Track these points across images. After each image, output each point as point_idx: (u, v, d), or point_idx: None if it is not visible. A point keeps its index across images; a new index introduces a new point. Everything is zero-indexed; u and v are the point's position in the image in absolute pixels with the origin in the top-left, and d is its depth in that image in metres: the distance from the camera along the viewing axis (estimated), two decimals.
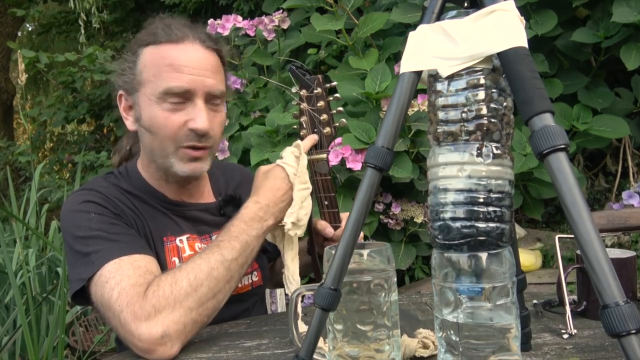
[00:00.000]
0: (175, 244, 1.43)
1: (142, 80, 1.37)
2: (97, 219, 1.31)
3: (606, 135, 2.94)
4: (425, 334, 1.09)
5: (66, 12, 8.17)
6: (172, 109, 1.33)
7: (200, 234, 1.49)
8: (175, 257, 1.41)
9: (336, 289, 0.79)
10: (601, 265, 0.63)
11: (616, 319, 0.61)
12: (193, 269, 1.19)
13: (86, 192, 1.38)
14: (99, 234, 1.28)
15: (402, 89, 0.79)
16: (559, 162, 0.67)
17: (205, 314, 1.18)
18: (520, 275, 0.94)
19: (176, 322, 1.13)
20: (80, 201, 1.35)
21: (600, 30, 2.97)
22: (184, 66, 1.33)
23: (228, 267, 1.22)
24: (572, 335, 1.13)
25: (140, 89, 1.37)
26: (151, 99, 1.35)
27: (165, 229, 1.43)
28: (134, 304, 1.13)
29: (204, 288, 1.17)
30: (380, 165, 0.78)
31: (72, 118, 7.01)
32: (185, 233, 1.46)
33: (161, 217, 1.45)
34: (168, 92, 1.32)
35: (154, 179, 1.47)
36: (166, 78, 1.32)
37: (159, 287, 1.15)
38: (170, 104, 1.33)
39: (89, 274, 1.24)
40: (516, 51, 0.72)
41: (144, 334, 1.11)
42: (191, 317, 1.15)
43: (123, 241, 1.28)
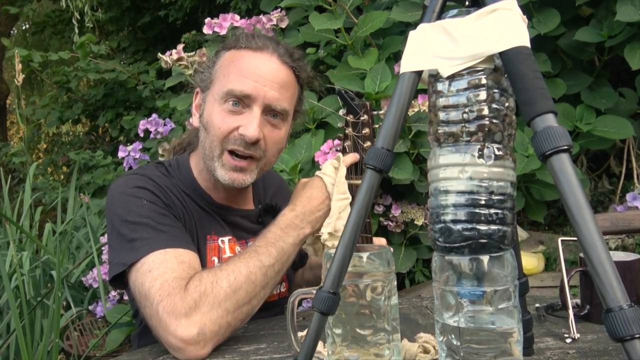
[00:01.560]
0: (217, 243, 1.45)
1: (214, 79, 1.42)
2: (148, 206, 1.33)
3: (610, 136, 2.94)
4: (426, 339, 1.09)
5: (60, 11, 8.16)
6: (230, 110, 1.36)
7: (239, 239, 1.51)
8: (215, 257, 1.44)
9: (335, 292, 0.79)
10: (605, 268, 0.63)
11: (620, 323, 0.61)
12: (233, 271, 1.20)
13: (139, 178, 1.40)
14: (148, 222, 1.29)
15: (402, 89, 0.79)
16: (562, 163, 0.67)
17: (239, 317, 1.20)
18: (523, 278, 0.94)
19: (213, 322, 1.15)
20: (133, 185, 1.37)
21: (604, 30, 2.97)
22: (252, 72, 1.35)
23: (265, 273, 1.24)
24: (575, 340, 1.13)
25: (211, 87, 1.42)
26: (215, 98, 1.39)
27: (210, 227, 1.46)
28: (175, 296, 1.15)
29: (242, 292, 1.19)
30: (380, 167, 0.78)
31: (67, 118, 7.02)
32: (228, 235, 1.48)
33: (206, 216, 1.47)
34: (230, 93, 1.35)
35: (203, 179, 1.49)
36: (232, 80, 1.36)
37: (201, 282, 1.17)
38: (230, 104, 1.36)
39: (131, 259, 1.25)
40: (518, 51, 0.72)
41: (181, 330, 1.12)
42: (227, 319, 1.17)
43: (170, 233, 1.30)
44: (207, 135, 1.39)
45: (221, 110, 1.36)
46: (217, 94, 1.38)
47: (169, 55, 3.35)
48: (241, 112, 1.36)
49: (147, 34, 7.68)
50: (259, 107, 1.36)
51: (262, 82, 1.35)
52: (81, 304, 3.30)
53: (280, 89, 1.38)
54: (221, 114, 1.36)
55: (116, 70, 5.93)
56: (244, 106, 1.36)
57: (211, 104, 1.39)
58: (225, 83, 1.36)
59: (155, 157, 3.74)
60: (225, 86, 1.36)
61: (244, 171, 1.39)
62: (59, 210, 3.90)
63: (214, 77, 1.42)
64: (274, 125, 1.41)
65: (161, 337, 1.17)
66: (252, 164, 1.40)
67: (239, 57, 1.39)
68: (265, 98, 1.35)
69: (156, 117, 3.74)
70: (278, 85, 1.37)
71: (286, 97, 1.40)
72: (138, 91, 6.06)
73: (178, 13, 6.47)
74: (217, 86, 1.39)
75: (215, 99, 1.38)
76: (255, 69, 1.36)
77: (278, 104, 1.38)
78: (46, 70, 7.01)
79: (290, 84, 1.42)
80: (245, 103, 1.36)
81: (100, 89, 6.70)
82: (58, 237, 3.48)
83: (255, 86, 1.35)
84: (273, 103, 1.37)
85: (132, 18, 7.78)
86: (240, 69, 1.36)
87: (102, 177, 5.33)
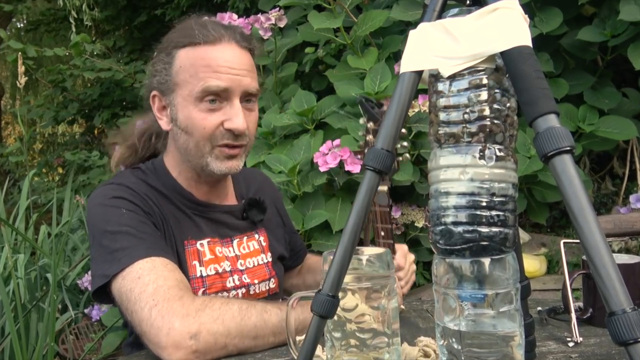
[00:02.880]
0: (195, 247, 1.44)
1: (178, 82, 1.40)
2: (128, 215, 1.34)
3: (613, 137, 2.94)
4: (426, 342, 1.09)
5: (55, 10, 8.16)
6: (209, 109, 1.37)
7: (222, 237, 1.51)
8: (196, 261, 1.43)
9: (334, 295, 0.79)
10: (608, 271, 0.63)
11: (623, 326, 0.61)
12: (247, 302, 1.21)
13: (116, 187, 1.40)
14: (128, 230, 1.30)
15: (403, 89, 0.79)
16: (564, 164, 0.67)
17: (239, 346, 1.18)
18: (524, 281, 0.94)
19: (210, 333, 1.14)
20: (111, 196, 1.37)
21: (607, 29, 2.98)
22: (221, 66, 1.37)
23: (280, 321, 1.21)
24: (578, 344, 1.13)
25: (176, 89, 1.41)
26: (187, 100, 1.38)
27: (186, 232, 1.45)
28: (174, 302, 1.16)
29: (250, 323, 1.18)
30: (379, 168, 0.78)
31: (62, 118, 7.01)
32: (206, 237, 1.47)
33: (184, 220, 1.46)
34: (206, 91, 1.36)
35: (183, 178, 1.50)
36: (204, 78, 1.36)
37: (211, 300, 1.19)
38: (207, 103, 1.37)
39: (113, 271, 1.25)
40: (520, 50, 0.72)
41: (176, 328, 1.12)
42: (225, 340, 1.15)
43: (151, 241, 1.30)
44: (190, 137, 1.40)
45: (199, 111, 1.37)
46: (190, 96, 1.38)
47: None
48: (220, 108, 1.38)
49: (143, 33, 7.68)
50: (237, 97, 1.39)
51: (234, 72, 1.38)
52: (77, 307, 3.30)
53: (249, 73, 1.42)
54: (201, 114, 1.37)
55: (112, 69, 5.93)
56: (221, 100, 1.38)
57: (184, 106, 1.39)
58: (197, 83, 1.36)
59: None
60: (197, 86, 1.36)
61: (236, 158, 1.43)
62: (54, 212, 3.90)
63: (177, 79, 1.40)
64: (250, 109, 1.44)
65: (151, 341, 1.16)
66: (241, 150, 1.44)
67: (200, 54, 1.38)
68: (241, 86, 1.39)
69: None
70: (247, 71, 1.41)
71: (254, 78, 1.44)
72: (134, 91, 6.06)
73: (175, 12, 6.47)
74: (187, 88, 1.38)
75: (188, 101, 1.38)
76: (223, 62, 1.37)
77: (252, 87, 1.42)
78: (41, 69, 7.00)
79: (253, 65, 1.46)
80: (223, 97, 1.38)
81: (96, 89, 6.70)
82: (54, 239, 3.47)
83: (229, 78, 1.37)
84: (249, 88, 1.41)
85: (128, 17, 7.78)
86: (208, 66, 1.37)
87: (98, 178, 5.33)
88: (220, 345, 1.15)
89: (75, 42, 5.32)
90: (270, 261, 1.58)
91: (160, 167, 1.51)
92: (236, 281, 1.47)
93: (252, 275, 1.51)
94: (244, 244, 1.54)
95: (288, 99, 3.38)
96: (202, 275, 1.42)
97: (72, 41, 5.39)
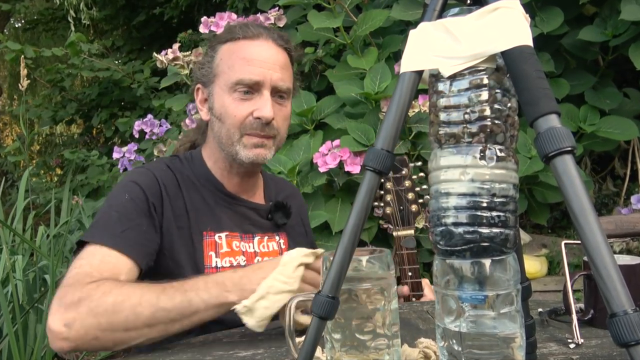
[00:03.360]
0: (214, 239, 1.51)
1: (217, 73, 1.53)
2: (126, 202, 1.42)
3: (614, 137, 2.94)
4: (427, 344, 1.09)
5: (53, 9, 8.17)
6: (241, 98, 1.49)
7: (245, 232, 1.58)
8: (212, 252, 1.50)
9: (334, 296, 0.79)
10: (609, 272, 0.63)
11: (624, 328, 0.61)
12: (128, 294, 1.21)
13: (141, 172, 1.51)
14: (113, 215, 1.39)
15: (403, 89, 0.79)
16: (565, 165, 0.66)
17: (111, 339, 1.20)
18: (525, 282, 0.94)
19: (83, 326, 1.17)
20: (130, 179, 1.48)
21: (608, 29, 2.98)
22: (255, 59, 1.49)
23: (154, 313, 1.20)
24: (579, 345, 1.13)
25: (215, 80, 1.54)
26: (223, 89, 1.51)
27: (207, 223, 1.52)
28: (71, 287, 1.22)
29: (121, 317, 1.19)
30: (379, 169, 0.78)
31: (61, 118, 7.01)
32: (225, 230, 1.54)
33: (207, 211, 1.54)
34: (239, 83, 1.48)
35: (217, 168, 1.60)
36: (239, 70, 1.48)
37: (97, 287, 1.21)
38: (240, 93, 1.48)
39: (83, 238, 1.36)
40: (521, 50, 0.72)
41: (56, 318, 1.18)
42: (95, 333, 1.18)
43: (121, 232, 1.36)
44: (223, 124, 1.51)
45: (233, 100, 1.49)
46: (225, 85, 1.50)
47: (164, 55, 3.35)
48: (251, 98, 1.49)
49: (142, 32, 7.68)
50: (267, 89, 1.49)
51: (266, 66, 1.48)
52: None
53: (282, 70, 1.52)
54: (234, 102, 1.48)
55: (111, 69, 5.93)
56: (254, 92, 1.49)
57: (220, 95, 1.51)
58: (232, 74, 1.48)
59: (151, 158, 3.74)
60: (232, 77, 1.48)
61: (264, 147, 1.52)
62: (52, 212, 3.89)
63: (217, 71, 1.53)
64: (281, 105, 1.54)
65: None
66: (270, 140, 1.53)
67: (238, 47, 1.51)
68: (272, 80, 1.49)
69: (151, 117, 3.74)
70: (279, 67, 1.51)
71: (287, 77, 1.55)
72: (133, 91, 6.06)
73: (173, 11, 6.48)
74: (223, 78, 1.50)
75: (224, 90, 1.50)
76: (257, 56, 1.49)
77: (283, 84, 1.52)
78: (39, 69, 7.00)
79: (288, 65, 1.57)
80: (255, 89, 1.48)
81: (94, 88, 6.69)
82: (52, 240, 3.47)
83: (261, 72, 1.47)
84: (279, 84, 1.50)
85: (127, 17, 7.79)
86: (243, 58, 1.48)
87: (96, 178, 5.32)
88: (91, 337, 1.18)
89: (70, 41, 5.31)
90: None
91: (198, 156, 1.62)
92: None
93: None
94: (264, 242, 1.60)
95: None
96: (216, 266, 1.49)
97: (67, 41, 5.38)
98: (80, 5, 6.38)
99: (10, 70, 9.94)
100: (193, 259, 1.47)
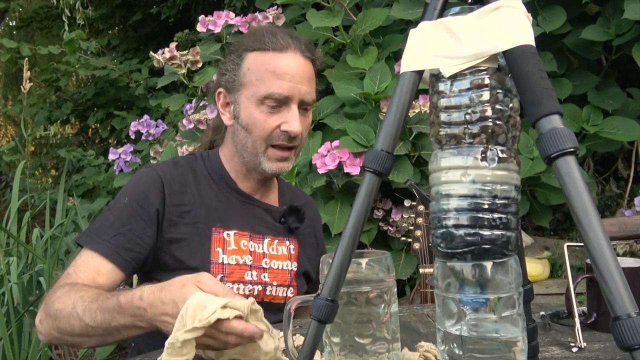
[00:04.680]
0: (222, 236, 1.54)
1: (244, 82, 1.54)
2: (123, 206, 1.48)
3: (617, 138, 2.94)
4: (427, 348, 1.09)
5: (48, 7, 8.16)
6: (269, 111, 1.51)
7: (256, 233, 1.60)
8: (220, 248, 1.53)
9: (333, 299, 0.79)
10: (612, 274, 0.63)
11: (628, 331, 0.61)
12: (66, 302, 1.27)
13: (144, 173, 1.55)
14: (109, 218, 1.46)
15: (403, 89, 0.79)
16: (568, 166, 0.67)
17: (68, 340, 1.33)
18: (527, 285, 0.94)
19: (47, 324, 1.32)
20: (134, 181, 1.54)
21: (612, 28, 2.98)
22: (285, 74, 1.50)
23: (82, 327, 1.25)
24: (582, 349, 1.14)
25: (241, 89, 1.55)
26: (250, 100, 1.52)
27: (216, 220, 1.55)
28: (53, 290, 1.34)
29: (62, 324, 1.28)
30: (379, 170, 0.78)
31: (56, 118, 7.00)
32: (234, 228, 1.57)
33: (218, 207, 1.57)
34: (269, 97, 1.49)
35: (232, 170, 1.63)
36: (268, 83, 1.49)
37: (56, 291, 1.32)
38: (268, 106, 1.50)
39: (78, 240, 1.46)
40: (523, 50, 0.72)
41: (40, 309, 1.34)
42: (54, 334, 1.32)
43: (111, 236, 1.42)
44: (249, 135, 1.53)
45: (261, 112, 1.50)
46: (253, 97, 1.51)
47: (161, 54, 3.35)
48: (279, 112, 1.51)
49: (138, 32, 7.67)
50: (295, 103, 1.52)
51: (295, 80, 1.50)
52: None
53: (309, 83, 1.55)
54: (262, 115, 1.50)
55: (107, 68, 5.92)
56: (281, 105, 1.51)
57: (247, 106, 1.53)
58: (262, 86, 1.50)
59: (147, 159, 3.73)
60: (262, 90, 1.49)
61: (287, 160, 1.57)
62: (47, 214, 3.88)
63: (244, 80, 1.54)
64: (305, 115, 1.57)
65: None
66: (292, 152, 1.58)
67: (267, 59, 1.51)
68: (300, 95, 1.52)
69: (148, 118, 3.74)
70: (307, 81, 1.54)
71: (313, 89, 1.58)
72: (129, 90, 6.05)
73: (170, 10, 6.47)
74: (251, 89, 1.52)
75: (251, 102, 1.52)
76: (287, 70, 1.50)
77: (310, 97, 1.55)
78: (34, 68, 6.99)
79: (313, 76, 1.59)
80: (283, 102, 1.50)
81: (90, 88, 6.69)
82: (48, 241, 3.46)
83: (290, 86, 1.50)
84: (306, 98, 1.54)
85: (123, 15, 7.77)
86: (273, 72, 1.49)
87: (92, 178, 5.31)
88: (53, 337, 1.32)
89: (69, 39, 5.30)
90: (294, 270, 1.64)
91: (215, 156, 1.66)
92: (254, 276, 1.54)
93: (272, 276, 1.58)
94: (274, 245, 1.62)
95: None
96: (222, 262, 1.51)
97: (66, 38, 5.37)
98: (76, 5, 6.37)
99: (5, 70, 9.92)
100: (200, 253, 1.50)
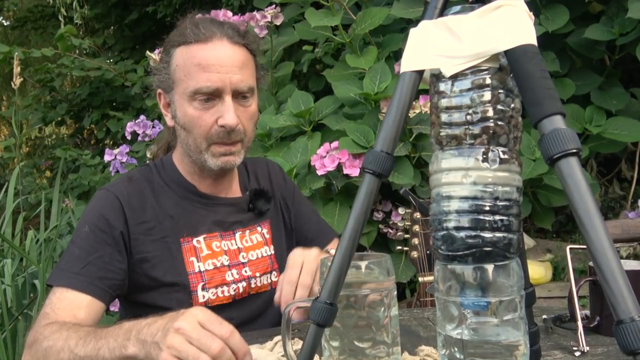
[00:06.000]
0: (192, 244, 1.52)
1: (175, 80, 1.50)
2: (85, 234, 1.45)
3: (621, 139, 2.94)
4: (428, 352, 1.09)
5: (42, 7, 8.15)
6: (202, 107, 1.46)
7: (225, 230, 1.58)
8: (194, 257, 1.51)
9: (332, 303, 0.79)
10: (615, 277, 0.63)
11: (631, 335, 0.61)
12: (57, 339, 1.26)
13: (100, 196, 1.51)
14: (74, 252, 1.44)
15: (403, 89, 0.79)
16: (571, 167, 0.67)
17: None
18: (529, 288, 0.94)
19: None
20: (91, 207, 1.50)
21: (615, 27, 2.98)
22: (211, 65, 1.44)
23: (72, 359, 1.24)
24: (585, 353, 1.14)
25: (174, 87, 1.51)
26: (183, 98, 1.48)
27: (182, 229, 1.53)
28: (33, 328, 1.35)
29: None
30: (379, 171, 0.78)
31: (51, 119, 7.00)
32: (202, 233, 1.54)
33: (182, 215, 1.55)
34: (198, 92, 1.44)
35: (188, 173, 1.59)
36: (195, 78, 1.44)
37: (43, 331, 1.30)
38: (200, 102, 1.45)
39: (49, 281, 1.43)
40: (525, 49, 0.72)
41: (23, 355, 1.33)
42: None
43: (80, 268, 1.41)
44: (189, 134, 1.49)
45: (194, 109, 1.46)
46: (184, 94, 1.47)
47: (157, 53, 3.35)
48: (213, 105, 1.46)
49: (134, 31, 7.66)
50: (228, 94, 1.45)
51: (224, 71, 1.44)
52: None
53: (241, 70, 1.47)
54: (195, 112, 1.46)
55: (102, 68, 5.91)
56: (214, 98, 1.46)
57: (181, 104, 1.49)
58: (190, 82, 1.45)
59: (143, 160, 3.73)
60: (190, 85, 1.45)
61: (232, 154, 1.51)
62: (42, 216, 3.88)
63: (174, 78, 1.50)
64: (244, 105, 1.51)
65: None
66: (237, 145, 1.51)
67: (192, 52, 1.46)
68: (232, 84, 1.45)
69: (144, 119, 3.74)
70: (238, 68, 1.47)
71: (248, 75, 1.50)
72: (125, 91, 6.05)
73: (167, 9, 6.46)
74: (182, 86, 1.47)
75: (184, 99, 1.47)
76: (213, 60, 1.44)
77: (244, 85, 1.47)
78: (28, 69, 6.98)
79: (247, 61, 1.51)
80: (215, 95, 1.45)
81: (85, 88, 6.68)
82: (43, 244, 3.46)
83: (219, 77, 1.44)
84: (239, 86, 1.46)
85: (119, 15, 7.77)
86: (198, 64, 1.44)
87: (88, 178, 5.30)
88: None
89: (60, 34, 5.22)
90: (273, 254, 1.63)
91: (168, 162, 1.61)
92: (235, 275, 1.54)
93: (254, 268, 1.57)
94: (246, 237, 1.60)
95: (284, 100, 3.38)
96: (200, 271, 1.50)
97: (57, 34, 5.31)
98: (72, 4, 6.36)
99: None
100: (174, 268, 1.48)
